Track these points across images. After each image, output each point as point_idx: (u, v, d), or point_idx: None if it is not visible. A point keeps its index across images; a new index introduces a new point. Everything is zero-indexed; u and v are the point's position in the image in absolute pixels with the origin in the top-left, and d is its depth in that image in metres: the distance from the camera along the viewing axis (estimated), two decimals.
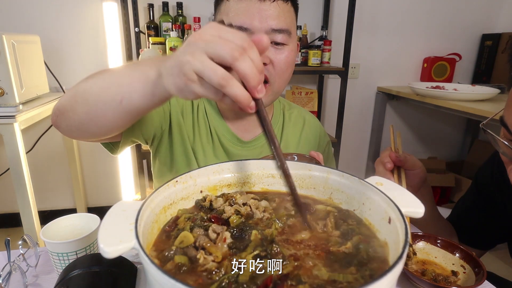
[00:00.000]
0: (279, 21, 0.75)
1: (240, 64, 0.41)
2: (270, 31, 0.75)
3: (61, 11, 2.06)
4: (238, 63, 0.41)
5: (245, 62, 0.41)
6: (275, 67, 0.78)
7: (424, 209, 0.46)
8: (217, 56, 0.41)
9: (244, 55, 0.41)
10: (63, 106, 0.65)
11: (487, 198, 0.87)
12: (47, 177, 2.31)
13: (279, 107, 0.99)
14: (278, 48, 0.78)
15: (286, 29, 0.76)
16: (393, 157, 0.78)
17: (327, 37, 2.29)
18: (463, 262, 0.66)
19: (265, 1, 0.74)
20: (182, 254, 0.43)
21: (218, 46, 0.41)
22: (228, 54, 0.41)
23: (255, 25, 0.74)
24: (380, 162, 0.80)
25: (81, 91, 0.62)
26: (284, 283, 0.38)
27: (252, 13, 0.74)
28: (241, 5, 0.74)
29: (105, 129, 0.63)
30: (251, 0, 0.74)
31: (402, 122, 2.87)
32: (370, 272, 0.40)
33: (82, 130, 0.66)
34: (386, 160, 0.79)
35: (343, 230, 0.50)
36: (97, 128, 0.63)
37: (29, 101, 1.73)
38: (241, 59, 0.41)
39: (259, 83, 0.43)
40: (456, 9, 2.64)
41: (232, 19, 0.75)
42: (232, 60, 0.41)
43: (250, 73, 0.41)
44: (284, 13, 0.76)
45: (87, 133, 0.66)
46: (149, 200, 0.46)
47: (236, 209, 0.53)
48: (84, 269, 0.51)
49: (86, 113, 0.61)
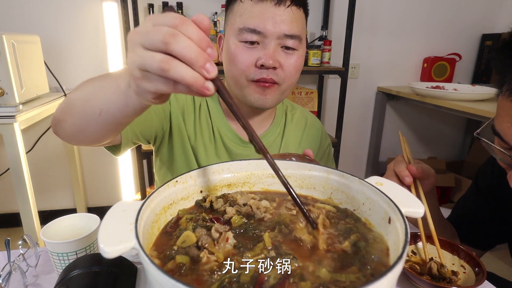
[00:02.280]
0: (291, 27, 0.76)
1: (175, 46, 0.37)
2: (282, 36, 0.75)
3: (61, 11, 2.06)
4: (172, 46, 0.38)
5: (179, 42, 0.38)
6: (284, 71, 0.78)
7: (424, 209, 0.46)
8: (150, 44, 0.39)
9: (177, 36, 0.38)
10: (58, 116, 0.66)
11: (487, 198, 0.87)
12: (47, 177, 2.31)
13: (282, 108, 0.99)
14: (288, 53, 0.78)
15: (297, 35, 0.77)
16: (414, 171, 0.70)
17: (327, 37, 2.29)
18: (463, 262, 0.66)
19: (279, 6, 0.74)
20: (183, 254, 0.42)
21: (149, 35, 0.39)
22: (159, 39, 0.38)
23: (268, 29, 0.74)
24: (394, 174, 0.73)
25: (70, 102, 0.63)
26: (286, 281, 0.38)
27: (267, 17, 0.74)
28: (256, 8, 0.74)
29: (93, 138, 0.64)
30: (266, 4, 0.74)
31: (402, 122, 2.87)
32: (372, 271, 0.40)
33: (76, 139, 0.67)
34: (405, 173, 0.71)
35: (342, 229, 0.50)
36: (86, 138, 0.64)
37: (29, 101, 1.73)
38: (173, 41, 0.37)
39: (205, 61, 0.38)
40: (456, 9, 2.64)
41: (245, 21, 0.75)
42: (165, 45, 0.38)
43: (188, 53, 0.38)
44: (296, 19, 0.77)
45: (81, 141, 0.68)
46: (149, 200, 0.46)
47: (237, 209, 0.53)
48: (84, 269, 0.51)
49: (74, 125, 0.63)
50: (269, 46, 0.76)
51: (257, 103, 0.80)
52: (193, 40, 0.38)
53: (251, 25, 0.74)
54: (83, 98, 0.59)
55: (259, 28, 0.74)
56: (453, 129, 2.98)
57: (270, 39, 0.75)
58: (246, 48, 0.77)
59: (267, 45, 0.76)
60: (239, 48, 0.77)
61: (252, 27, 0.74)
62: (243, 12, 0.76)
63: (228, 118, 0.91)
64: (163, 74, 0.39)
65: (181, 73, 0.38)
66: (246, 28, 0.75)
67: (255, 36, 0.75)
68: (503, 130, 0.58)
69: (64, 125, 0.65)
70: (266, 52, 0.75)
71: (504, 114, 0.58)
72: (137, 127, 0.80)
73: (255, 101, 0.80)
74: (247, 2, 0.76)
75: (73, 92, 0.64)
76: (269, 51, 0.75)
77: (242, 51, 0.77)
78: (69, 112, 0.63)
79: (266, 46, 0.76)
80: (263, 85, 0.78)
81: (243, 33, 0.75)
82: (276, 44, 0.76)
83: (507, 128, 0.57)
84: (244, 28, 0.75)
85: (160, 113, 0.84)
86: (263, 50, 0.76)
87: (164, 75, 0.39)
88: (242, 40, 0.76)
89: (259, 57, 0.76)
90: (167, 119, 0.86)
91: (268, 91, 0.79)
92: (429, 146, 2.99)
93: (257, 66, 0.76)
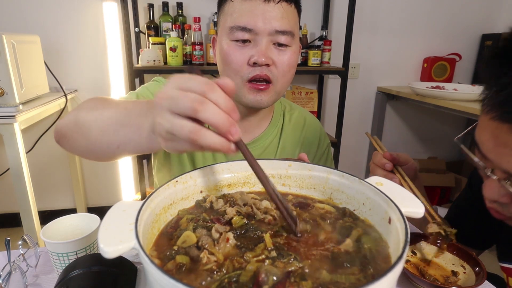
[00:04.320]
0: (282, 23, 0.75)
1: (203, 114, 0.40)
2: (273, 32, 0.75)
3: (61, 11, 2.06)
4: (201, 114, 0.40)
5: (208, 110, 0.40)
6: (277, 68, 0.78)
7: (424, 209, 0.46)
8: (180, 111, 0.41)
9: (205, 104, 0.40)
10: (64, 131, 0.66)
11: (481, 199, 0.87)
12: (47, 177, 2.31)
13: (280, 108, 0.99)
14: (281, 50, 0.78)
15: (289, 31, 0.77)
16: (389, 156, 0.78)
17: (327, 37, 2.30)
18: (463, 262, 0.66)
19: (269, 3, 0.74)
20: (183, 254, 0.43)
21: (179, 101, 0.41)
22: (188, 107, 0.40)
23: (259, 26, 0.74)
24: (376, 167, 0.80)
25: (81, 124, 0.62)
26: (287, 280, 0.38)
27: (256, 14, 0.74)
28: (245, 5, 0.74)
29: (102, 159, 0.66)
30: (255, 1, 0.74)
31: (402, 122, 2.87)
32: (372, 272, 0.40)
33: (83, 155, 0.68)
34: (383, 161, 0.79)
35: (343, 229, 0.50)
36: (95, 157, 0.66)
37: (29, 101, 1.73)
38: (202, 108, 0.40)
39: (230, 126, 0.41)
40: (456, 9, 2.64)
41: (236, 20, 0.75)
42: (194, 112, 0.40)
43: (216, 120, 0.40)
44: (288, 15, 0.76)
45: (86, 157, 0.69)
46: (149, 200, 0.46)
47: (237, 210, 0.53)
48: (84, 269, 0.51)
49: (85, 146, 0.63)
50: (260, 43, 0.75)
51: (252, 104, 0.80)
52: (221, 106, 0.41)
53: (242, 23, 0.74)
54: (99, 128, 0.59)
55: (249, 26, 0.74)
56: (453, 129, 2.98)
57: (262, 36, 0.75)
58: (238, 47, 0.77)
59: (258, 43, 0.76)
60: (231, 48, 0.77)
61: (243, 25, 0.74)
62: (233, 11, 0.76)
63: None
64: (191, 142, 0.41)
65: (208, 141, 0.41)
66: (236, 26, 0.75)
67: (246, 34, 0.75)
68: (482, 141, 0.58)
69: (72, 143, 0.65)
70: (258, 49, 0.75)
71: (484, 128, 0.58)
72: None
73: (250, 101, 0.80)
74: (237, 1, 0.75)
75: (84, 112, 0.63)
76: (261, 48, 0.75)
77: (235, 50, 0.77)
78: (80, 133, 0.62)
79: (258, 44, 0.76)
80: (257, 87, 0.78)
81: (234, 32, 0.75)
82: (268, 41, 0.76)
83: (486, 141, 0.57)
84: (235, 26, 0.75)
85: None
86: (255, 47, 0.76)
87: (192, 142, 0.41)
88: (234, 39, 0.76)
89: (251, 55, 0.76)
90: None
91: (262, 92, 0.79)
92: (429, 146, 2.99)
93: (250, 64, 0.76)
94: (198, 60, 2.03)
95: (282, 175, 0.62)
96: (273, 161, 0.62)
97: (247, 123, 0.91)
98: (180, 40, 2.00)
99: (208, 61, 2.13)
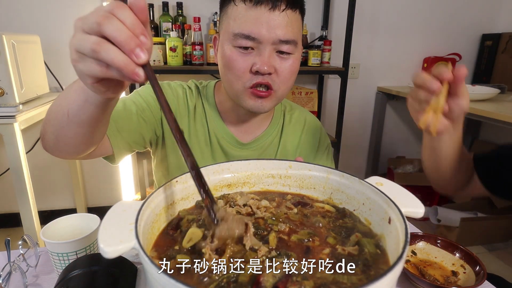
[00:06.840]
0: (286, 32, 0.74)
1: (107, 28, 0.39)
2: (277, 41, 0.74)
3: (61, 11, 2.05)
4: (103, 27, 0.39)
5: (111, 24, 0.39)
6: (279, 75, 0.78)
7: (424, 209, 0.46)
8: (87, 27, 0.40)
9: (110, 18, 0.39)
10: (41, 130, 0.66)
11: None
12: (47, 177, 2.31)
13: (280, 108, 0.99)
14: (283, 58, 0.77)
15: (293, 39, 0.76)
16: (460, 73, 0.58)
17: (327, 37, 2.29)
18: (463, 262, 0.66)
19: (274, 11, 0.73)
20: (184, 254, 0.43)
21: (87, 18, 0.40)
22: (93, 21, 0.39)
23: (263, 35, 0.73)
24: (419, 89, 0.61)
25: (47, 113, 0.63)
26: (288, 279, 0.38)
27: (261, 23, 0.73)
28: (250, 13, 0.73)
29: (72, 145, 0.63)
30: (260, 9, 0.73)
31: (402, 122, 2.87)
32: (373, 272, 0.40)
33: (58, 149, 0.66)
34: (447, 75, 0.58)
35: (342, 229, 0.50)
36: (66, 145, 0.64)
37: (29, 101, 1.73)
38: (106, 22, 0.39)
39: (135, 46, 0.39)
40: (456, 9, 2.64)
41: (240, 27, 0.74)
42: (98, 25, 0.39)
43: (118, 35, 0.39)
44: (292, 23, 0.75)
45: (64, 151, 0.66)
46: (149, 200, 0.46)
47: (237, 210, 0.53)
48: (84, 269, 0.51)
49: (52, 133, 0.62)
50: (264, 52, 0.75)
51: (253, 109, 0.80)
52: (126, 24, 0.40)
53: (246, 31, 0.73)
54: (56, 103, 0.60)
55: (253, 34, 0.73)
56: None
57: (265, 44, 0.74)
58: (241, 54, 0.76)
59: (262, 51, 0.75)
60: (234, 54, 0.76)
61: (247, 33, 0.73)
62: (236, 16, 0.75)
63: (225, 121, 0.91)
64: (95, 56, 0.40)
65: (111, 56, 0.39)
66: (240, 34, 0.74)
67: (249, 42, 0.74)
68: None
69: (46, 137, 0.65)
70: (261, 58, 0.74)
71: None
72: (129, 137, 0.80)
73: (251, 107, 0.80)
74: (241, 6, 0.74)
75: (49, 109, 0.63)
76: (264, 57, 0.74)
77: (237, 57, 0.76)
78: (48, 122, 0.63)
79: (261, 52, 0.75)
80: (258, 94, 0.77)
81: (237, 38, 0.75)
82: (271, 49, 0.75)
83: None
84: (239, 34, 0.74)
85: (151, 119, 0.84)
86: (258, 56, 0.75)
87: (95, 56, 0.40)
88: (237, 45, 0.75)
89: (254, 63, 0.75)
90: (159, 125, 0.86)
91: (263, 98, 0.79)
92: None
93: (252, 71, 0.76)
94: (198, 60, 2.03)
95: (282, 175, 0.62)
96: (273, 161, 0.62)
97: (247, 125, 0.91)
98: (180, 40, 1.99)
99: (208, 61, 2.13)
